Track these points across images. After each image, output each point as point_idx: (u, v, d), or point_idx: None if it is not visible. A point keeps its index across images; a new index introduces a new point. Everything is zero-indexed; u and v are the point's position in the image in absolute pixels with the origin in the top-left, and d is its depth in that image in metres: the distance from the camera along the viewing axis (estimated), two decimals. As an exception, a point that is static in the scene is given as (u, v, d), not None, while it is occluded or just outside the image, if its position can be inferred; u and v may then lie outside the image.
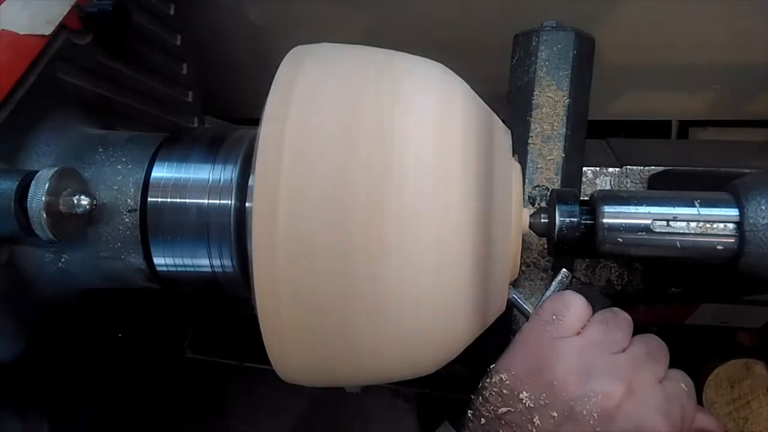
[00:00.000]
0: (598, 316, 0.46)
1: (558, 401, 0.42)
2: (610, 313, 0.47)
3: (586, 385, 0.42)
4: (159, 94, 0.71)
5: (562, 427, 0.42)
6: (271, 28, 0.86)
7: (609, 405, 0.42)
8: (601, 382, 0.42)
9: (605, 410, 0.42)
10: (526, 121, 0.56)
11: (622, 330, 0.46)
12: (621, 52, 0.81)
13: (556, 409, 0.42)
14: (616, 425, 0.41)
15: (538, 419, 0.42)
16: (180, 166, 0.51)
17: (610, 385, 0.42)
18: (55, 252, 0.51)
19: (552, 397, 0.43)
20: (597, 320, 0.46)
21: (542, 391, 0.43)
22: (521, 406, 0.43)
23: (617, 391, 0.42)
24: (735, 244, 0.45)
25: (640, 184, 0.62)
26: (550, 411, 0.42)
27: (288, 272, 0.39)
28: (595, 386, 0.42)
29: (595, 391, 0.42)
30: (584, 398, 0.42)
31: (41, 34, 0.51)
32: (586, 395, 0.42)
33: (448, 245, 0.40)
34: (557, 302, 0.46)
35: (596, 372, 0.43)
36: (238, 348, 1.03)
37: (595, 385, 0.42)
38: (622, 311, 0.47)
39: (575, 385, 0.42)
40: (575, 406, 0.42)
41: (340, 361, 0.43)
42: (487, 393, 0.45)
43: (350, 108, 0.41)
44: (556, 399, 0.42)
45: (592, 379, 0.42)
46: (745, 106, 0.87)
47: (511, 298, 0.49)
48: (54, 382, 0.63)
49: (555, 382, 0.43)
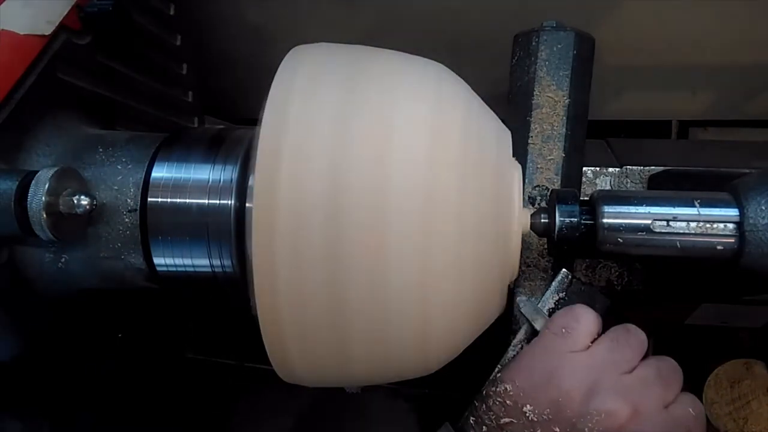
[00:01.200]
0: (610, 332, 0.45)
1: (561, 417, 0.42)
2: (622, 329, 0.46)
3: (591, 403, 0.42)
4: (159, 94, 0.71)
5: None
6: (271, 28, 0.86)
7: (612, 425, 0.41)
8: (605, 401, 0.42)
9: (608, 430, 0.41)
10: (526, 121, 0.56)
11: (633, 349, 0.45)
12: (621, 52, 0.81)
13: (558, 425, 0.42)
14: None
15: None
16: (180, 166, 0.51)
17: (615, 405, 0.41)
18: (55, 252, 0.51)
19: (555, 412, 0.42)
20: (608, 337, 0.45)
21: (546, 406, 0.42)
22: (524, 419, 0.43)
23: (622, 411, 0.41)
24: (735, 244, 0.45)
25: (640, 184, 0.62)
26: (552, 426, 0.42)
27: (288, 272, 0.39)
28: (599, 405, 0.42)
29: (599, 410, 0.41)
30: (587, 416, 0.41)
31: (41, 34, 0.51)
32: (589, 413, 0.41)
33: (447, 245, 0.40)
34: (567, 316, 0.46)
35: (602, 390, 0.42)
36: (238, 348, 1.03)
37: (600, 403, 0.42)
38: (637, 329, 0.46)
39: (579, 402, 0.42)
40: (578, 423, 0.41)
41: (340, 360, 0.43)
42: (491, 402, 0.44)
43: (350, 108, 0.41)
44: (560, 415, 0.42)
45: (597, 397, 0.42)
46: (745, 106, 0.87)
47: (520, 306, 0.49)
48: (54, 382, 0.63)
49: (560, 398, 0.42)
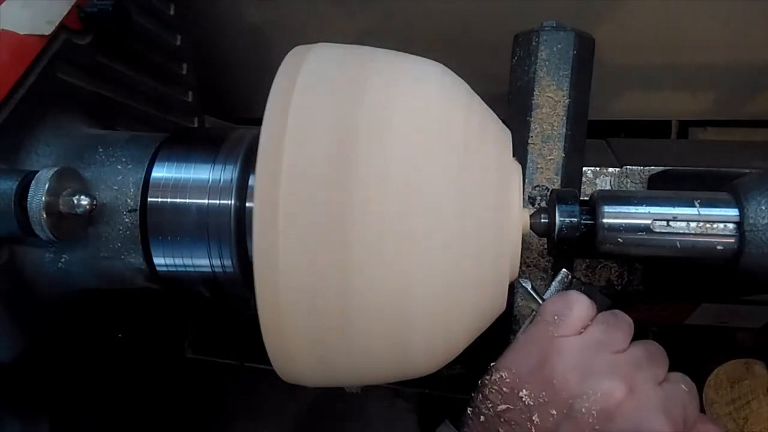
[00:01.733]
0: (599, 317, 0.47)
1: (557, 399, 0.42)
2: (611, 314, 0.47)
3: (586, 384, 0.42)
4: (159, 94, 0.71)
5: (561, 425, 0.42)
6: (271, 28, 0.86)
7: (609, 404, 0.42)
8: (601, 380, 0.42)
9: (604, 409, 0.42)
10: (526, 121, 0.56)
11: (623, 331, 0.46)
12: (621, 52, 0.81)
13: (555, 407, 0.42)
14: (616, 424, 0.41)
15: (537, 417, 0.43)
16: (180, 166, 0.51)
17: (611, 384, 0.42)
18: (55, 252, 0.51)
19: (551, 395, 0.43)
20: (598, 321, 0.46)
21: (542, 390, 0.43)
22: (521, 404, 0.43)
23: (618, 390, 0.42)
24: (735, 244, 0.45)
25: (640, 184, 0.62)
26: (549, 409, 0.42)
27: (289, 272, 0.39)
28: (594, 385, 0.42)
29: (595, 390, 0.42)
30: (583, 396, 0.42)
31: (41, 34, 0.51)
32: (585, 393, 0.42)
33: (447, 245, 0.40)
34: (560, 302, 0.46)
35: (596, 371, 0.43)
36: (238, 348, 1.03)
37: (595, 383, 0.42)
38: (623, 313, 0.47)
39: (575, 383, 0.43)
40: (574, 404, 0.42)
41: (340, 360, 0.43)
42: (487, 391, 0.45)
43: (350, 108, 0.41)
44: (556, 397, 0.43)
45: (591, 377, 0.43)
46: (745, 106, 0.87)
47: (524, 287, 0.49)
48: (54, 382, 0.63)
49: (554, 380, 0.43)
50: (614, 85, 0.86)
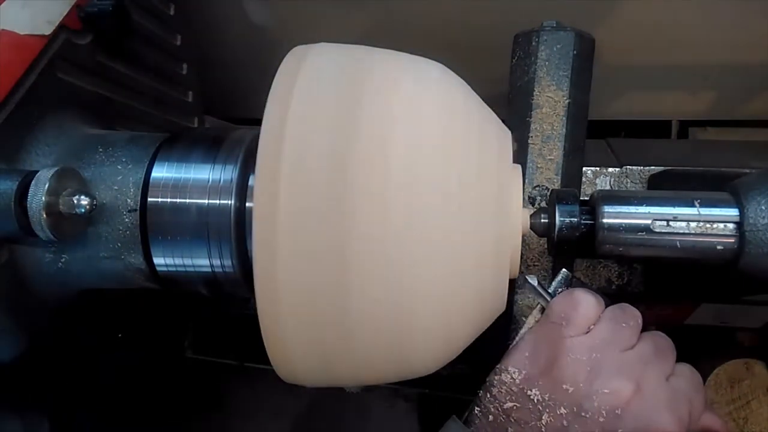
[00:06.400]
0: (607, 312, 0.46)
1: (566, 399, 0.43)
2: (618, 309, 0.47)
3: (595, 383, 0.42)
4: (159, 94, 0.71)
5: (571, 425, 0.42)
6: (271, 28, 0.86)
7: (617, 403, 0.42)
8: (609, 379, 0.42)
9: (614, 408, 0.42)
10: (526, 121, 0.56)
11: (631, 327, 0.45)
12: (621, 52, 0.81)
13: (564, 406, 0.42)
14: (625, 423, 0.42)
15: (546, 417, 0.43)
16: (180, 166, 0.51)
17: (619, 383, 0.42)
18: (55, 252, 0.51)
19: (561, 394, 0.43)
20: (606, 317, 0.46)
21: (551, 390, 0.43)
22: (530, 404, 0.43)
23: (626, 388, 0.42)
24: (735, 244, 0.45)
25: (640, 184, 0.62)
26: (558, 409, 0.43)
27: (289, 272, 0.39)
28: (603, 384, 0.42)
29: (604, 389, 0.42)
30: (593, 396, 0.42)
31: (41, 34, 0.51)
32: (594, 393, 0.42)
33: (447, 245, 0.40)
34: (566, 301, 0.46)
35: (605, 370, 0.43)
36: (238, 348, 1.03)
37: (604, 382, 0.42)
38: (630, 307, 0.47)
39: (584, 383, 0.43)
40: (584, 403, 0.42)
41: (340, 361, 0.43)
42: (495, 390, 0.45)
43: (350, 108, 0.41)
44: (565, 397, 0.43)
45: (600, 376, 0.43)
46: (745, 106, 0.87)
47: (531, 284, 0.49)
48: (54, 382, 0.63)
49: (564, 381, 0.43)
50: (614, 85, 0.86)
